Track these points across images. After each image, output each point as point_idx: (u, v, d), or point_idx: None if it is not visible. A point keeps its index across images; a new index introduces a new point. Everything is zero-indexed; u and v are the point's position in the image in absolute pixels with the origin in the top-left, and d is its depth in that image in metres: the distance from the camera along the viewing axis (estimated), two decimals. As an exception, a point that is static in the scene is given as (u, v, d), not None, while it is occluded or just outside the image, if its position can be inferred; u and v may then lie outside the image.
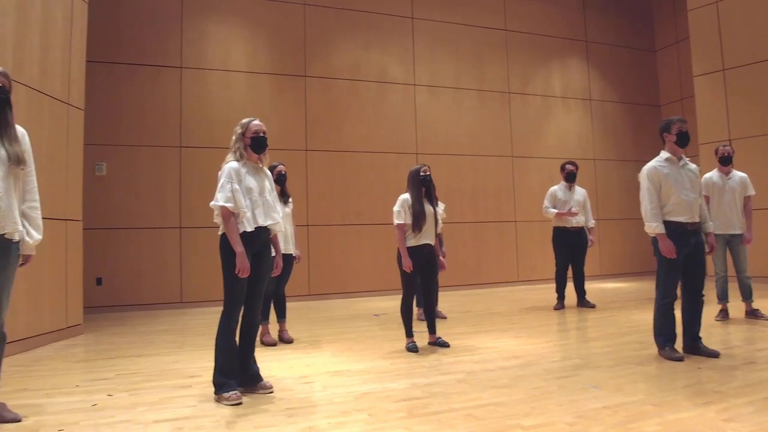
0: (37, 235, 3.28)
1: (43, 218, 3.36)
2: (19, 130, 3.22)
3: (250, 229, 3.57)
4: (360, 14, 9.85)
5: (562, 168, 7.41)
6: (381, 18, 9.99)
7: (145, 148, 8.46)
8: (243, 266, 3.48)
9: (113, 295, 8.08)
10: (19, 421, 3.10)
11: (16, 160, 3.12)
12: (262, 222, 3.66)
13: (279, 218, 3.80)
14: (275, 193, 3.90)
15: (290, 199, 5.57)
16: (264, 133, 3.74)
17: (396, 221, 4.84)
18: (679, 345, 4.33)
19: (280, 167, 5.44)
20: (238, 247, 3.48)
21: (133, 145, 8.39)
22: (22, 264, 3.26)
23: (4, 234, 3.06)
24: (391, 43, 10.07)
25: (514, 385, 3.63)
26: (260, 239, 3.67)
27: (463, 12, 10.61)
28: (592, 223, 7.37)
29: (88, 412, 3.27)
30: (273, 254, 3.90)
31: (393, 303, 7.72)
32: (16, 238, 3.14)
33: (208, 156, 8.38)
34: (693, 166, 4.43)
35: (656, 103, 12.33)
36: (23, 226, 3.20)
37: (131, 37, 8.51)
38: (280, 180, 5.39)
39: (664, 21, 12.31)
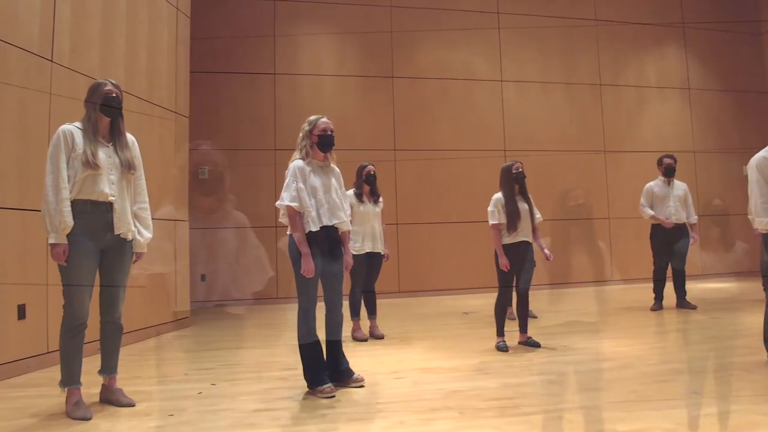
0: (148, 234, 3.54)
1: (154, 219, 3.63)
2: (129, 137, 3.50)
3: (314, 228, 3.58)
4: (445, 12, 9.83)
5: (660, 162, 7.03)
6: (466, 15, 9.93)
7: (242, 151, 8.90)
8: (308, 267, 3.50)
9: (216, 290, 8.59)
10: (134, 405, 3.38)
11: (128, 166, 3.41)
12: (327, 221, 3.64)
13: (345, 217, 3.77)
14: (343, 191, 3.89)
15: (380, 199, 5.66)
16: (331, 131, 3.74)
17: (491, 221, 4.84)
18: (791, 351, 4.04)
19: (370, 167, 5.55)
20: (304, 248, 3.52)
21: (231, 149, 8.85)
22: (135, 261, 3.54)
23: (119, 234, 3.35)
24: (476, 40, 9.98)
25: (609, 388, 3.54)
26: (327, 239, 3.67)
27: (549, 3, 10.32)
28: (694, 219, 6.93)
29: (195, 400, 3.51)
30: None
31: (481, 301, 7.70)
32: (130, 237, 3.42)
33: (300, 158, 8.68)
34: None
35: (763, 90, 11.38)
36: (135, 226, 3.47)
37: (228, 48, 8.97)
38: (369, 180, 5.52)
39: (771, 0, 11.37)
